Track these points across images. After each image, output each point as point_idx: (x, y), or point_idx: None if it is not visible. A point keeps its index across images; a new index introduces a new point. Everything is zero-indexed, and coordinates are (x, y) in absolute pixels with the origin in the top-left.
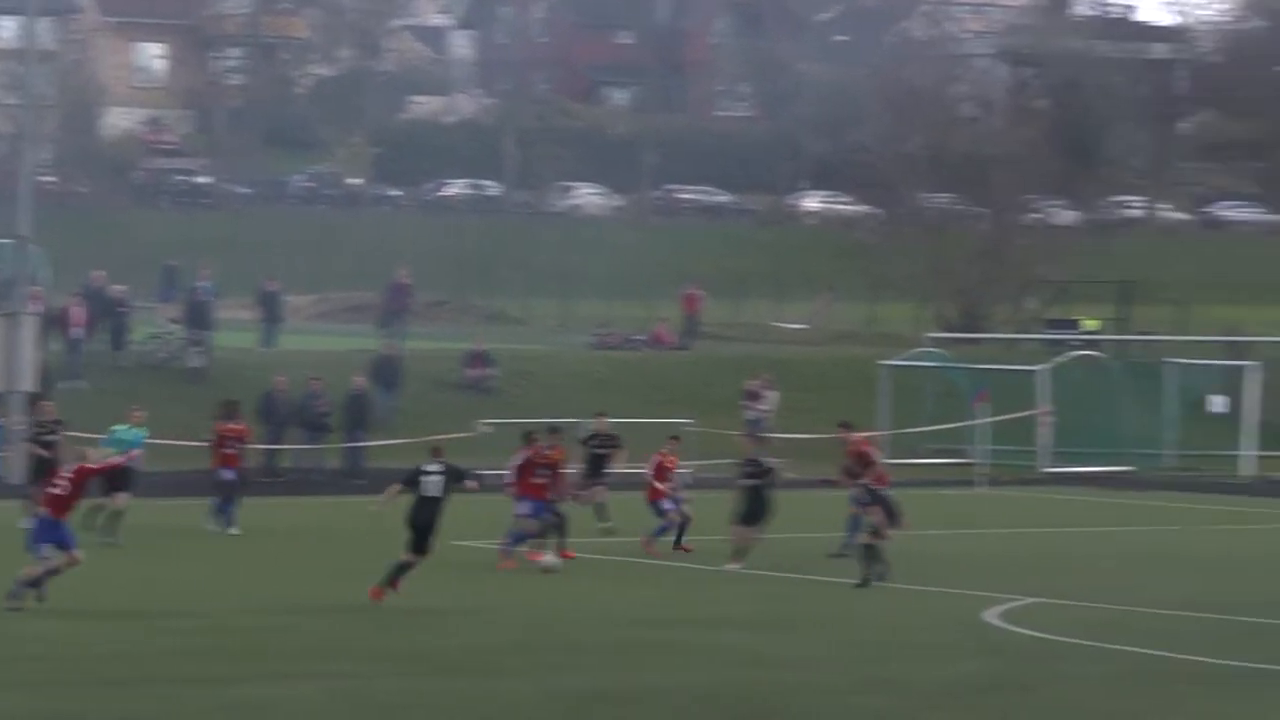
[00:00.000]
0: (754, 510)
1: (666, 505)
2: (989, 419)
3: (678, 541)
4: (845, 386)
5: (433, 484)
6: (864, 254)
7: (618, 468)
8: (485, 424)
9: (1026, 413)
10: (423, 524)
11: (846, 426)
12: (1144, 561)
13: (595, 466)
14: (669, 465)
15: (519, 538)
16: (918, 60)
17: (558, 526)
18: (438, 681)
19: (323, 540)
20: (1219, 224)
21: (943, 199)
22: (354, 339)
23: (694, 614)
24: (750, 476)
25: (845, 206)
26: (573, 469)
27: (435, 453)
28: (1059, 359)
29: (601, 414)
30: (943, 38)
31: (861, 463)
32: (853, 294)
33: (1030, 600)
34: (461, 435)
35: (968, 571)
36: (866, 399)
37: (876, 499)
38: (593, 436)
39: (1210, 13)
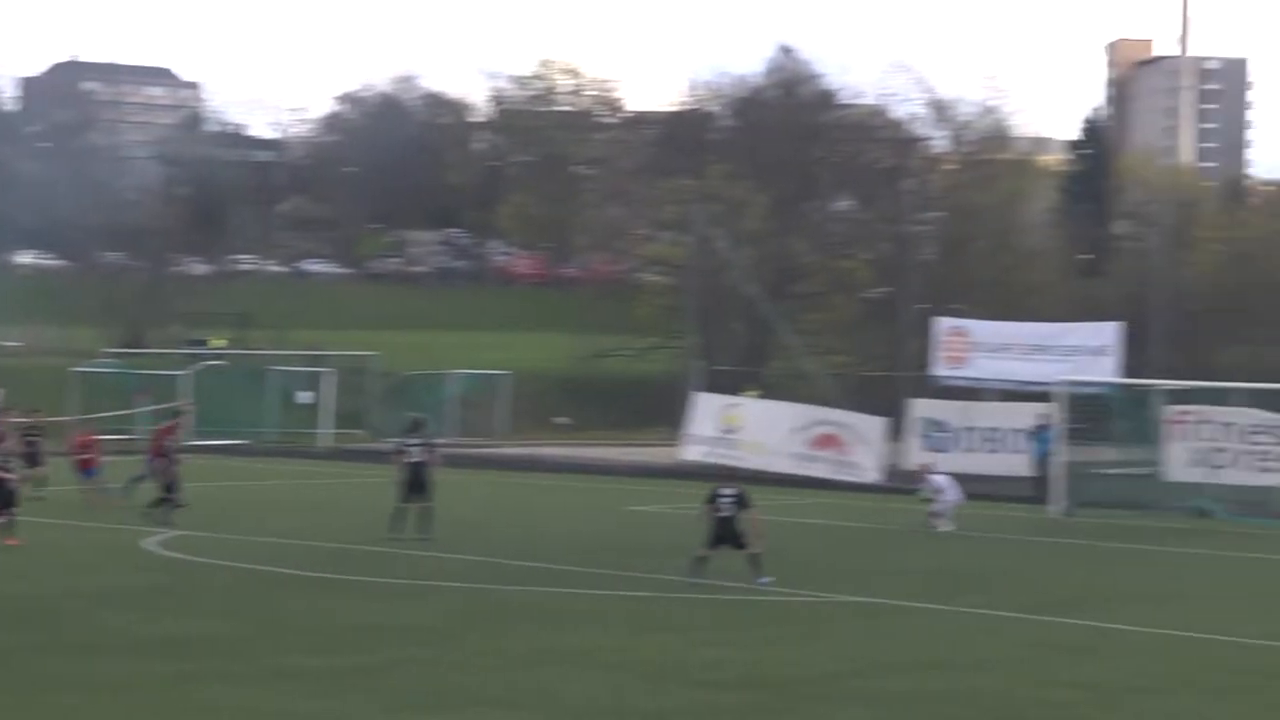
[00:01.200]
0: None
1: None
2: (148, 408)
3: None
4: (50, 386)
5: None
6: (60, 294)
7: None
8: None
9: (175, 404)
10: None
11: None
12: (267, 505)
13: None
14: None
15: None
16: (99, 160)
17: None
18: None
19: None
20: (304, 274)
21: (116, 256)
22: None
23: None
24: None
25: (48, 261)
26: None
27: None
28: (196, 366)
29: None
30: (115, 144)
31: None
32: (54, 321)
33: (178, 533)
34: None
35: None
36: (63, 395)
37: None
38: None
39: (300, 129)
